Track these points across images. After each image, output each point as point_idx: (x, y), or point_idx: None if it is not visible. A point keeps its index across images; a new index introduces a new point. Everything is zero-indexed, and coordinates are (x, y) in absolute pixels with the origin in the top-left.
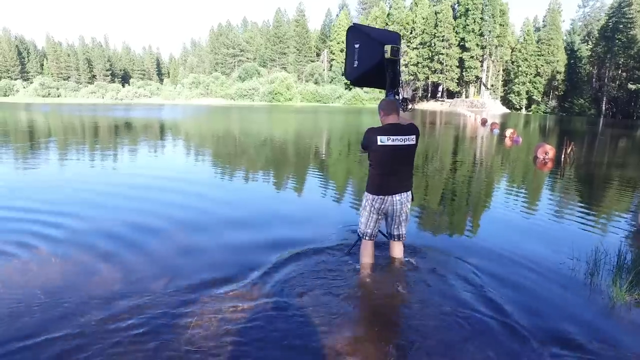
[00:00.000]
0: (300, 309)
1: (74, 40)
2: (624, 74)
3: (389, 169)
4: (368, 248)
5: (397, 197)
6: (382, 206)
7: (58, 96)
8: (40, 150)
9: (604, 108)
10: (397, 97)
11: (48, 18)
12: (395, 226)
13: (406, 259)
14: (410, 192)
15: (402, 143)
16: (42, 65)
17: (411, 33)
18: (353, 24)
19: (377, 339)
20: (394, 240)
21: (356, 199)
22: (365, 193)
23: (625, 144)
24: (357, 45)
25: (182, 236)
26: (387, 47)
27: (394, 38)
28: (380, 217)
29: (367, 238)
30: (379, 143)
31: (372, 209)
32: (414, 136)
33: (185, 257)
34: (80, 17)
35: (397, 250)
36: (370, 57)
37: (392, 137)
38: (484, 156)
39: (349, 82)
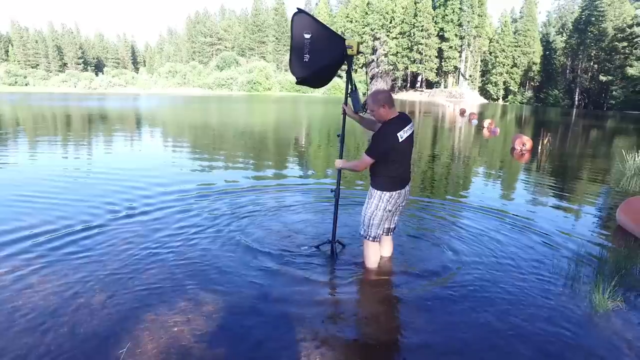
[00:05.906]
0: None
1: (42, 26)
2: (596, 65)
3: (406, 162)
4: (376, 248)
5: (406, 188)
6: (398, 201)
7: (26, 85)
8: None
9: (577, 99)
10: (357, 96)
11: (12, 1)
12: (395, 219)
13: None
14: None
15: (410, 132)
16: (7, 51)
17: (390, 22)
18: (298, 9)
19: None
20: (389, 234)
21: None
22: (379, 192)
23: (597, 134)
24: (307, 36)
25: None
26: (353, 43)
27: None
28: (392, 213)
29: (377, 240)
30: (400, 141)
31: (389, 205)
32: (412, 122)
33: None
34: (48, 1)
35: (389, 245)
36: (326, 52)
37: (404, 129)
38: (462, 147)
39: (296, 81)
